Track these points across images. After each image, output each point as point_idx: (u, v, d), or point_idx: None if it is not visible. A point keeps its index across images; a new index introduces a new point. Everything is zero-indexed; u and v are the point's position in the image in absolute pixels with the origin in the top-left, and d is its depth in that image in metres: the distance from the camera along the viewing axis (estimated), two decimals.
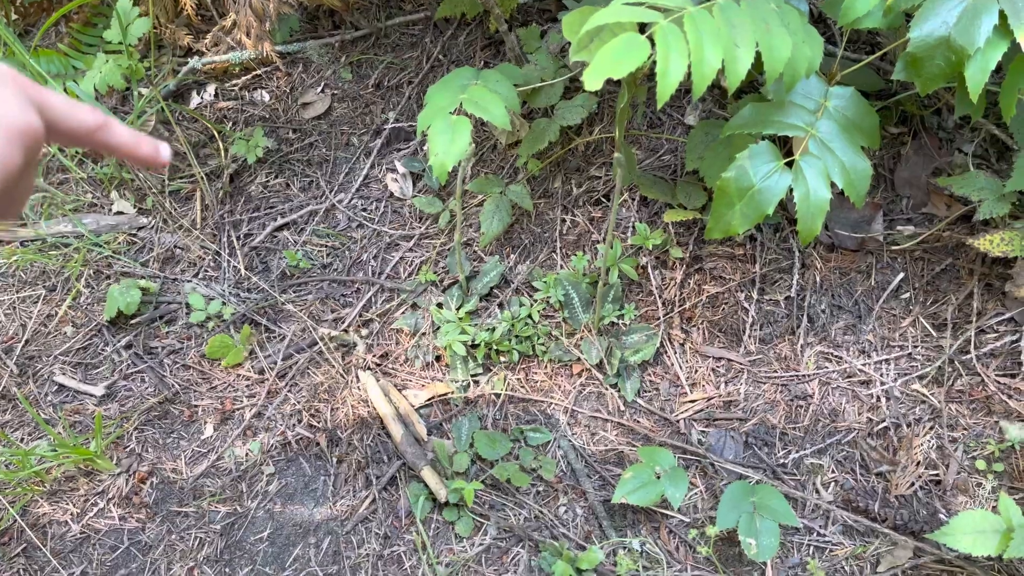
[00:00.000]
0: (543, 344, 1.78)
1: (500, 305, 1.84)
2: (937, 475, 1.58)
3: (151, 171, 1.86)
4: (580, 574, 1.53)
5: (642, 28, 1.14)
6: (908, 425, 1.63)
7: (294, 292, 1.93)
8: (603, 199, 1.88)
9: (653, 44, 1.10)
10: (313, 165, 2.07)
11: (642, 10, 1.11)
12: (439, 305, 1.84)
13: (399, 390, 1.78)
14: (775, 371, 1.72)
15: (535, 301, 1.80)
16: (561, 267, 1.85)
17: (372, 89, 2.10)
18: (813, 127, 1.38)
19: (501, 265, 1.85)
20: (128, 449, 1.74)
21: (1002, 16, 1.20)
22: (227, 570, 1.60)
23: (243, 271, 1.95)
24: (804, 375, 1.70)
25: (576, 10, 1.32)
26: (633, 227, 1.82)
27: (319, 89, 2.11)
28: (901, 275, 1.72)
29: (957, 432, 1.61)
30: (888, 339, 1.70)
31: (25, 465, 1.65)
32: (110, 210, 2.05)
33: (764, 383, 1.71)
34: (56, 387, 1.83)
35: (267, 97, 2.12)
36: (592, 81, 1.01)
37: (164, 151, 0.63)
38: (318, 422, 1.74)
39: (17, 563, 1.60)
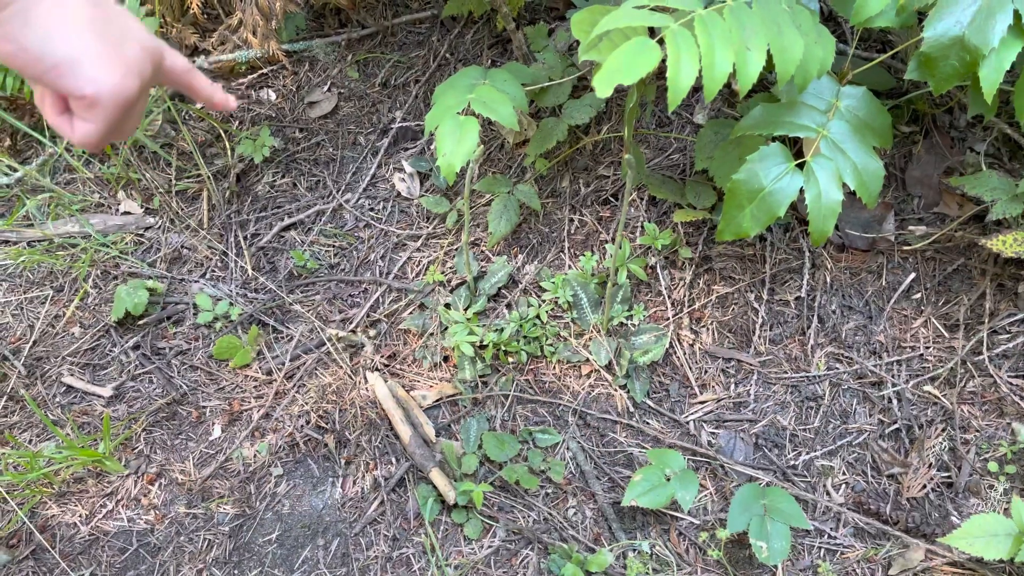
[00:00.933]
0: (551, 345, 1.77)
1: (508, 305, 1.83)
2: (949, 477, 1.57)
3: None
4: None
5: (652, 30, 1.13)
6: (920, 427, 1.61)
7: (301, 292, 1.93)
8: (611, 198, 1.87)
9: (663, 44, 1.09)
10: (320, 164, 2.06)
11: (652, 14, 1.10)
12: (447, 305, 1.83)
13: (407, 391, 1.78)
14: (785, 372, 1.71)
15: (543, 301, 1.80)
16: (569, 267, 1.84)
17: (379, 88, 2.09)
18: (824, 128, 1.37)
19: (509, 265, 1.84)
20: (136, 450, 1.74)
21: (1016, 16, 1.19)
22: (236, 572, 1.60)
23: (250, 271, 1.95)
24: (814, 376, 1.69)
25: (585, 9, 1.31)
26: (642, 227, 1.81)
27: (326, 88, 2.10)
28: (912, 275, 1.71)
29: (969, 434, 1.60)
30: (899, 340, 1.69)
31: (33, 467, 1.65)
32: (117, 210, 2.05)
33: (774, 384, 1.70)
34: (64, 388, 1.83)
35: (273, 96, 2.12)
36: (603, 87, 1.00)
37: (232, 100, 0.79)
38: (326, 423, 1.74)
39: (26, 565, 1.60)
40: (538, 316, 1.78)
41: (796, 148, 1.55)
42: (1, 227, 2.01)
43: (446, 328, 1.79)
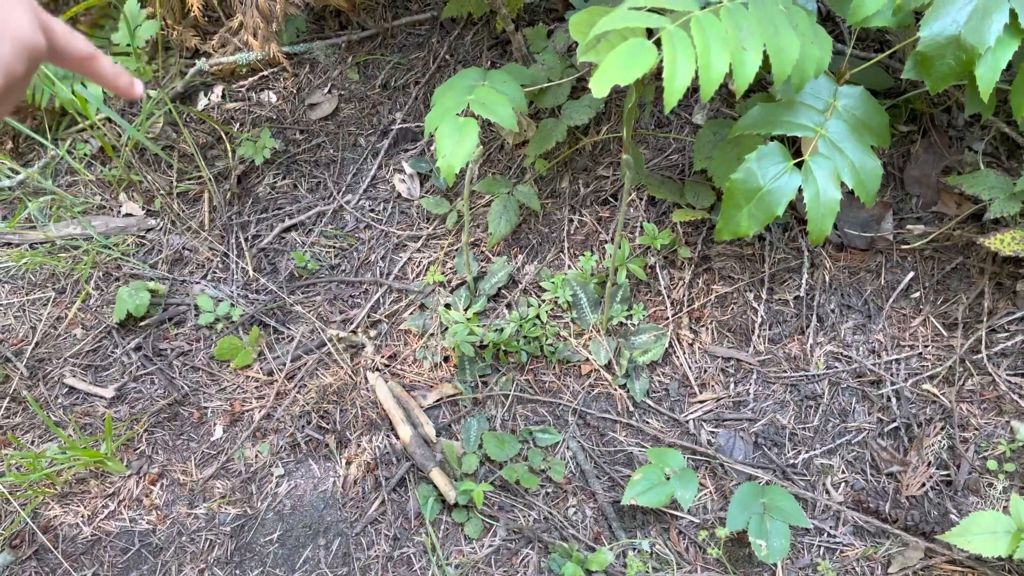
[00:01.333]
0: (551, 345, 1.78)
1: (508, 306, 1.84)
2: (948, 475, 1.57)
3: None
4: (590, 575, 1.53)
5: (649, 31, 1.13)
6: (919, 425, 1.62)
7: (302, 293, 1.93)
8: (611, 199, 1.88)
9: (660, 46, 1.09)
10: (320, 166, 2.07)
11: (649, 15, 1.11)
12: (447, 306, 1.84)
13: (408, 391, 1.78)
14: (784, 371, 1.71)
15: (543, 301, 1.80)
16: (569, 267, 1.84)
17: (379, 90, 2.09)
18: (822, 127, 1.37)
19: (509, 265, 1.85)
20: (138, 451, 1.75)
21: (1012, 15, 1.19)
22: (237, 572, 1.60)
23: (251, 272, 1.96)
24: (814, 375, 1.69)
25: (583, 10, 1.32)
26: (641, 227, 1.81)
27: (326, 90, 2.11)
28: (911, 274, 1.72)
29: (968, 432, 1.60)
30: (898, 339, 1.69)
31: (36, 468, 1.66)
32: (119, 212, 2.05)
33: (773, 383, 1.71)
34: (66, 389, 1.83)
35: (274, 98, 2.13)
36: (600, 87, 1.01)
37: (139, 87, 0.75)
38: (327, 423, 1.75)
39: (29, 566, 1.61)
40: (538, 316, 1.79)
41: (794, 148, 1.55)
42: (3, 229, 2.02)
43: (446, 328, 1.80)
